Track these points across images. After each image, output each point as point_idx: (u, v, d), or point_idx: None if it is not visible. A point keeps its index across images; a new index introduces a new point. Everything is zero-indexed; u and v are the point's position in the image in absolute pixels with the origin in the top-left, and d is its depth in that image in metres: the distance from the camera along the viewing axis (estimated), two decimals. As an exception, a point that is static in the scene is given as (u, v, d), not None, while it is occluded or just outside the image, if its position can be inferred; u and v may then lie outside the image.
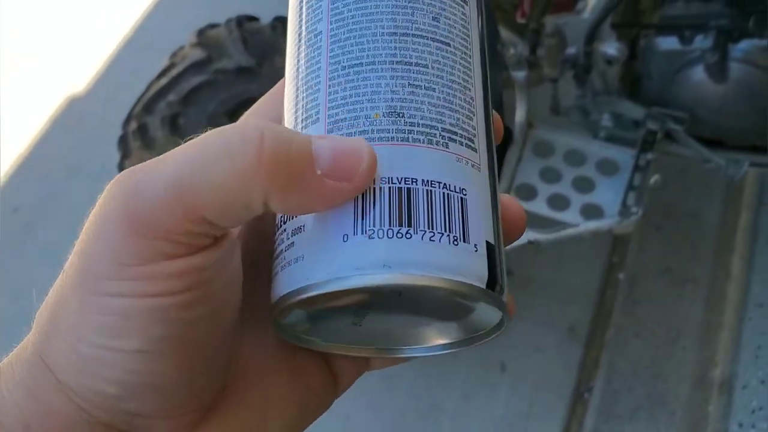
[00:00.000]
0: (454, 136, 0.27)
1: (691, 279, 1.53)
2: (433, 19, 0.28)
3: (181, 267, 0.24)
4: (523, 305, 1.52)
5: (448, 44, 0.28)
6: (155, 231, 0.23)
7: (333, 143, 0.25)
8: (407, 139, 0.26)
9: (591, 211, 1.27)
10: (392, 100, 0.26)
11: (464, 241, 0.25)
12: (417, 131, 0.26)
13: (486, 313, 0.28)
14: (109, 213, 0.24)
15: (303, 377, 0.30)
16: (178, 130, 1.20)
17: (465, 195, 0.26)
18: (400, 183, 0.25)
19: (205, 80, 1.20)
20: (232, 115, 1.18)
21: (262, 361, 0.29)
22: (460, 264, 0.25)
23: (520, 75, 1.30)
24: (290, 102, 0.29)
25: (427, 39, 0.28)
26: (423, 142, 0.26)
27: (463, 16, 0.29)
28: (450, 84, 0.28)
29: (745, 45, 1.15)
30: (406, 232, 0.25)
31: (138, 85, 1.30)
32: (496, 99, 1.26)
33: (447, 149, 0.27)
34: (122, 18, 2.18)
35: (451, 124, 0.27)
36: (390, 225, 0.25)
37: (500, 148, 1.31)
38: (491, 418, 1.40)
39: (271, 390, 0.29)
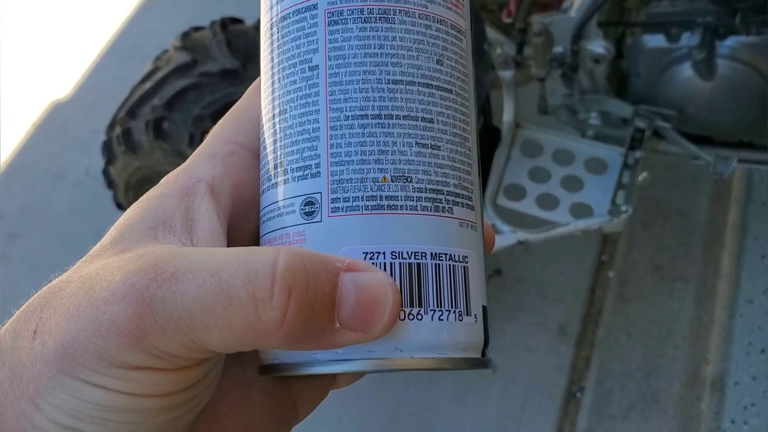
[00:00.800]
0: (457, 199, 0.27)
1: (680, 276, 1.53)
2: (437, 62, 0.28)
3: (171, 378, 0.24)
4: (513, 306, 1.52)
5: (450, 91, 0.28)
6: (156, 351, 0.23)
7: (359, 286, 0.24)
8: (416, 208, 0.26)
9: (580, 210, 1.27)
10: (400, 162, 0.26)
11: (467, 314, 0.26)
12: (425, 198, 0.26)
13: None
14: (113, 318, 0.23)
15: (257, 410, 0.29)
16: (162, 135, 1.18)
17: (467, 263, 0.27)
18: (410, 258, 0.25)
19: (190, 83, 1.19)
20: (217, 118, 1.17)
21: (216, 400, 0.28)
22: (464, 340, 0.26)
23: (507, 75, 1.30)
24: (274, 138, 0.28)
25: (432, 88, 0.27)
26: (430, 210, 0.26)
27: (461, 53, 0.29)
28: (452, 138, 0.27)
29: (731, 42, 1.15)
30: (417, 313, 0.25)
31: (122, 91, 1.29)
32: (483, 99, 1.26)
33: (452, 215, 0.27)
34: (106, 24, 2.17)
35: (454, 186, 0.27)
36: (402, 305, 0.25)
37: (488, 149, 1.31)
38: (483, 420, 1.40)
39: (226, 426, 0.29)
